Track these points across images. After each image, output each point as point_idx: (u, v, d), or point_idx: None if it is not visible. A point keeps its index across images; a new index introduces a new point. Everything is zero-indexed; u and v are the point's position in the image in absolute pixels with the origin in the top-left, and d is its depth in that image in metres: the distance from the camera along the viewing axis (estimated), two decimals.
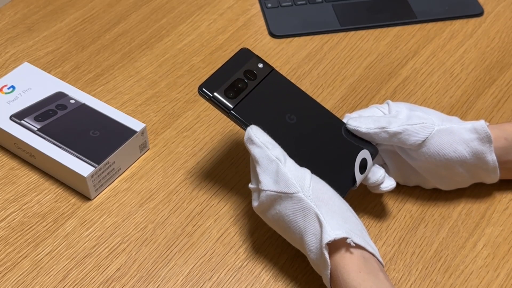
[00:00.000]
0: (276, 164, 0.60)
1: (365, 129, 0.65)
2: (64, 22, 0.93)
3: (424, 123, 0.65)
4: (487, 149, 0.66)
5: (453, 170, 0.67)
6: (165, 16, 0.94)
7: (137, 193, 0.72)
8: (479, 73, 0.87)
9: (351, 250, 0.58)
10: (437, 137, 0.65)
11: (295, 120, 0.66)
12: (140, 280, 0.65)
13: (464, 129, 0.66)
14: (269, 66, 0.69)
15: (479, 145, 0.66)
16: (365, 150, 0.65)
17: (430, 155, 0.66)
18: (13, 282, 0.64)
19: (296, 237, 0.61)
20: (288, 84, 0.69)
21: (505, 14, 0.96)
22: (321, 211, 0.58)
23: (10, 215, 0.70)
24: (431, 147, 0.65)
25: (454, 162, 0.66)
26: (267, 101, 0.67)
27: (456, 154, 0.66)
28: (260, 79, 0.68)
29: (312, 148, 0.65)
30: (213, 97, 0.65)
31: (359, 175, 0.64)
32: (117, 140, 0.72)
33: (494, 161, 0.66)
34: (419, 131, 0.65)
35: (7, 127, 0.73)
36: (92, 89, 0.83)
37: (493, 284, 0.65)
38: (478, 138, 0.65)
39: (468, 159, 0.66)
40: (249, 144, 0.62)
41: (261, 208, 0.63)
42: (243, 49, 0.70)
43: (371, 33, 0.92)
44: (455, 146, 0.65)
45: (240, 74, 0.67)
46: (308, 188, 0.60)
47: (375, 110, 0.70)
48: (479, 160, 0.66)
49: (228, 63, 0.68)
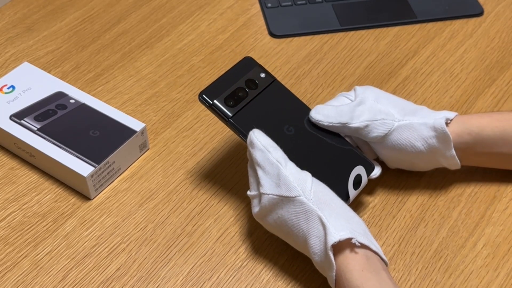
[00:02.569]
0: (277, 167, 0.61)
1: (327, 123, 0.66)
2: (64, 22, 0.93)
3: (384, 119, 0.67)
4: (445, 147, 0.67)
5: (411, 160, 0.70)
6: (165, 16, 0.94)
7: (137, 193, 0.72)
8: (479, 73, 0.87)
9: (355, 250, 0.58)
10: (396, 132, 0.67)
11: (293, 132, 0.66)
12: (140, 280, 0.65)
13: (424, 125, 0.67)
14: (271, 76, 0.69)
15: (437, 143, 0.67)
16: (360, 166, 0.66)
17: (390, 148, 0.68)
18: (13, 282, 0.64)
19: (299, 241, 0.61)
20: (288, 95, 0.69)
21: (505, 14, 0.96)
22: (324, 213, 0.59)
23: (10, 215, 0.70)
24: (389, 142, 0.67)
25: (412, 155, 0.68)
26: (267, 111, 0.67)
27: (413, 149, 0.68)
28: (261, 89, 0.68)
29: (307, 162, 0.64)
30: (212, 104, 0.65)
31: (353, 191, 0.65)
32: (117, 140, 0.72)
33: (452, 156, 0.68)
34: (379, 127, 0.67)
35: (7, 127, 0.73)
36: (92, 89, 0.83)
37: (493, 283, 0.65)
38: (437, 137, 0.67)
39: (425, 153, 0.68)
40: (251, 148, 0.62)
41: (263, 213, 0.63)
42: (247, 57, 0.70)
43: (371, 33, 0.92)
44: (413, 142, 0.67)
45: (241, 83, 0.67)
46: (309, 191, 0.60)
47: (342, 99, 0.71)
48: (437, 154, 0.68)
49: (230, 71, 0.69)
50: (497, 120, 0.68)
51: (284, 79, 0.85)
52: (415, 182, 0.74)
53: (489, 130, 0.67)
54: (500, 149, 0.69)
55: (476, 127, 0.68)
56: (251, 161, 0.63)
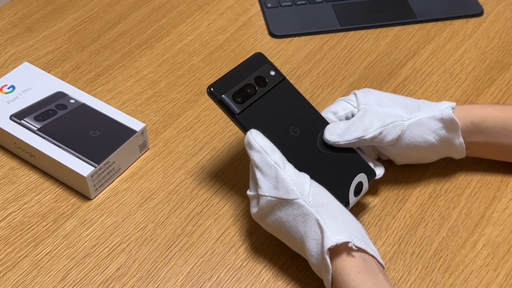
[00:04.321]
0: (275, 169, 0.61)
1: (344, 142, 0.66)
2: (64, 22, 0.93)
3: (394, 121, 0.67)
4: (455, 135, 0.69)
5: (423, 154, 0.71)
6: (165, 16, 0.94)
7: (137, 193, 0.72)
8: (479, 73, 0.87)
9: (352, 254, 0.58)
10: (408, 131, 0.68)
11: (298, 133, 0.66)
12: (140, 280, 0.65)
13: (432, 118, 0.68)
14: (281, 74, 0.69)
15: (447, 132, 0.68)
16: (363, 174, 0.66)
17: (403, 147, 0.69)
18: (13, 282, 0.64)
19: (296, 242, 0.61)
20: (297, 95, 0.69)
21: (505, 14, 0.96)
22: (322, 217, 0.59)
23: (10, 215, 0.70)
24: (403, 142, 0.68)
25: (425, 149, 0.69)
26: (274, 110, 0.67)
27: (426, 144, 0.69)
28: (270, 87, 0.67)
29: (309, 164, 0.64)
30: (221, 99, 0.65)
31: (353, 198, 0.65)
32: (117, 140, 0.72)
33: (461, 144, 0.69)
34: (392, 130, 0.67)
35: (7, 127, 0.73)
36: (92, 89, 0.83)
37: (492, 284, 0.65)
38: (446, 127, 0.68)
39: (437, 145, 0.69)
40: (249, 149, 0.62)
41: (261, 214, 0.63)
42: (257, 53, 0.69)
43: (371, 33, 0.92)
44: (425, 137, 0.68)
45: (251, 80, 0.67)
46: (308, 194, 0.60)
47: (343, 104, 0.71)
48: (448, 145, 0.69)
49: (240, 66, 0.68)
50: (499, 110, 0.69)
51: None
52: (415, 182, 0.74)
53: (491, 120, 0.69)
54: (502, 140, 0.69)
55: (478, 116, 0.69)
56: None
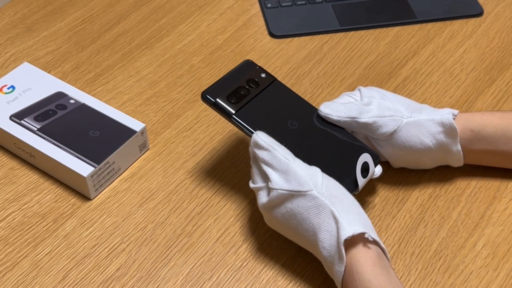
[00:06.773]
0: (285, 163, 0.61)
1: (336, 117, 0.67)
2: (64, 22, 0.93)
3: (393, 115, 0.67)
4: (452, 142, 0.68)
5: (419, 158, 0.70)
6: (165, 16, 0.94)
7: (137, 193, 0.72)
8: (479, 73, 0.87)
9: (368, 245, 0.58)
10: (405, 129, 0.67)
11: (296, 126, 0.67)
12: (140, 280, 0.65)
13: (431, 121, 0.68)
14: (271, 76, 0.70)
15: (445, 138, 0.68)
16: (366, 153, 0.65)
17: (398, 145, 0.68)
18: (13, 282, 0.64)
19: (308, 235, 0.61)
20: (290, 93, 0.70)
21: (504, 14, 0.96)
22: (336, 208, 0.59)
23: (10, 215, 0.70)
24: (398, 139, 0.68)
25: (420, 152, 0.69)
26: (269, 107, 0.67)
27: (422, 146, 0.68)
28: (263, 87, 0.69)
29: (313, 154, 0.65)
30: (215, 102, 0.66)
31: (361, 179, 0.64)
32: (117, 140, 0.72)
33: (459, 151, 0.69)
34: (389, 123, 0.67)
35: (7, 127, 0.73)
36: (92, 89, 0.83)
37: (492, 284, 0.65)
38: (444, 132, 0.68)
39: (433, 149, 0.69)
40: (257, 149, 0.62)
41: (270, 205, 0.62)
42: (247, 60, 0.71)
43: (370, 33, 0.92)
44: (421, 138, 0.68)
45: (242, 82, 0.68)
46: (321, 185, 0.60)
47: (347, 98, 0.71)
48: (444, 151, 0.69)
49: (231, 73, 0.69)
50: (499, 118, 0.69)
51: (284, 79, 0.85)
52: (415, 182, 0.74)
53: (491, 127, 0.68)
54: (501, 147, 0.69)
55: (478, 124, 0.69)
56: (254, 158, 0.64)
